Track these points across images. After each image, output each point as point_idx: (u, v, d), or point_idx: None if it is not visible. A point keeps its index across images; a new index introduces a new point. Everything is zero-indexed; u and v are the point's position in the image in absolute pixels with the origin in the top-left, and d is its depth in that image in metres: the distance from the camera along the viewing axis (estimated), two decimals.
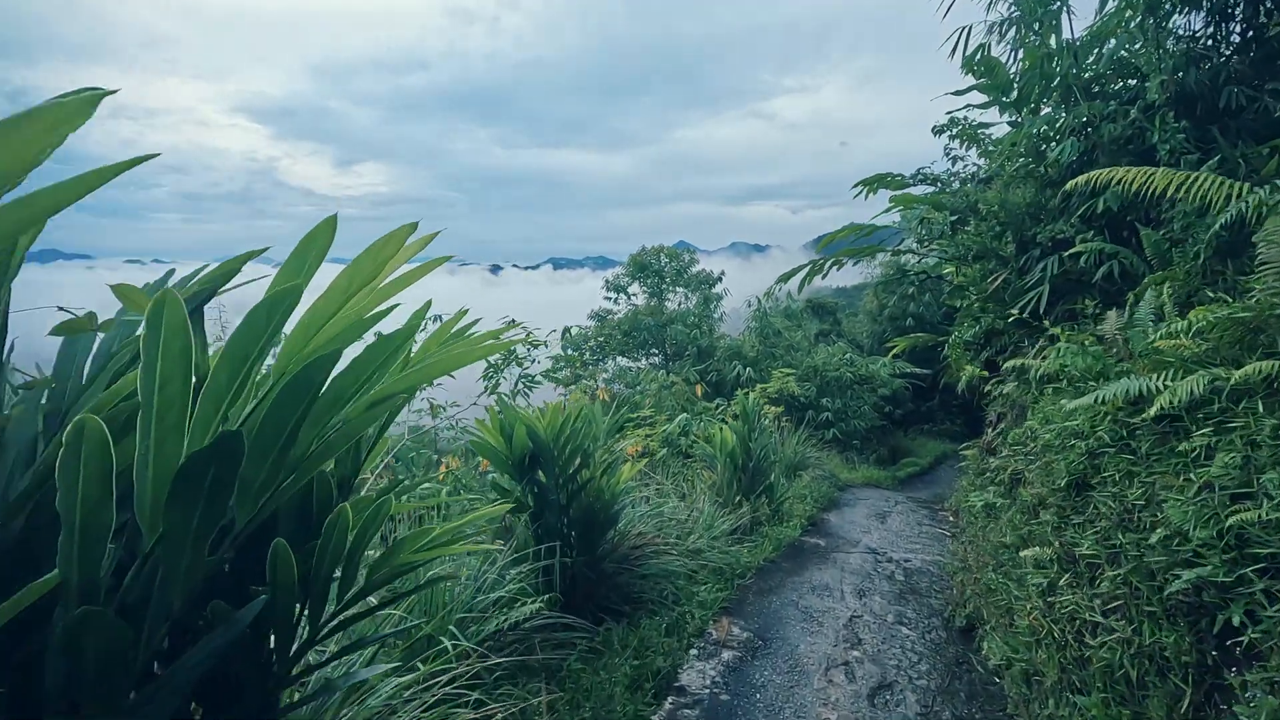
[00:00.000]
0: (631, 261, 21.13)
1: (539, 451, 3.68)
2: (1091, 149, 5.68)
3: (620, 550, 4.12)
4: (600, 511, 3.95)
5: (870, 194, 9.49)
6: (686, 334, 17.89)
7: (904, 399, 18.90)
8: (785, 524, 7.23)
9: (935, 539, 7.23)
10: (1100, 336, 4.35)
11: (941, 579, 5.68)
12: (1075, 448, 3.66)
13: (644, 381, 15.17)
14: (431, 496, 4.18)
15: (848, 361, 15.88)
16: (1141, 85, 5.47)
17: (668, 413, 13.55)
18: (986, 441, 8.81)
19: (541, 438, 3.59)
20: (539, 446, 3.65)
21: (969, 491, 8.21)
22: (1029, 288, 5.56)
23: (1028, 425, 4.80)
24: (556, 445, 3.66)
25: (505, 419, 3.63)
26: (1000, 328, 6.20)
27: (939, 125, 9.57)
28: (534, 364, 4.97)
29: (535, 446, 3.68)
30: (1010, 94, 7.11)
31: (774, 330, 17.06)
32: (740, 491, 6.83)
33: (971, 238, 6.36)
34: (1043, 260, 5.64)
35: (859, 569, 5.85)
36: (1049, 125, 5.86)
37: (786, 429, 10.94)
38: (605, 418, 4.59)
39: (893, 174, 9.29)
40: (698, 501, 6.65)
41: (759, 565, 5.62)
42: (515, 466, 3.75)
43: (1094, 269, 5.30)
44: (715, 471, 6.99)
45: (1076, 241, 5.44)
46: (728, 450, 6.80)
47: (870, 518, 8.20)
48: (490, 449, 3.67)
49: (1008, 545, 4.74)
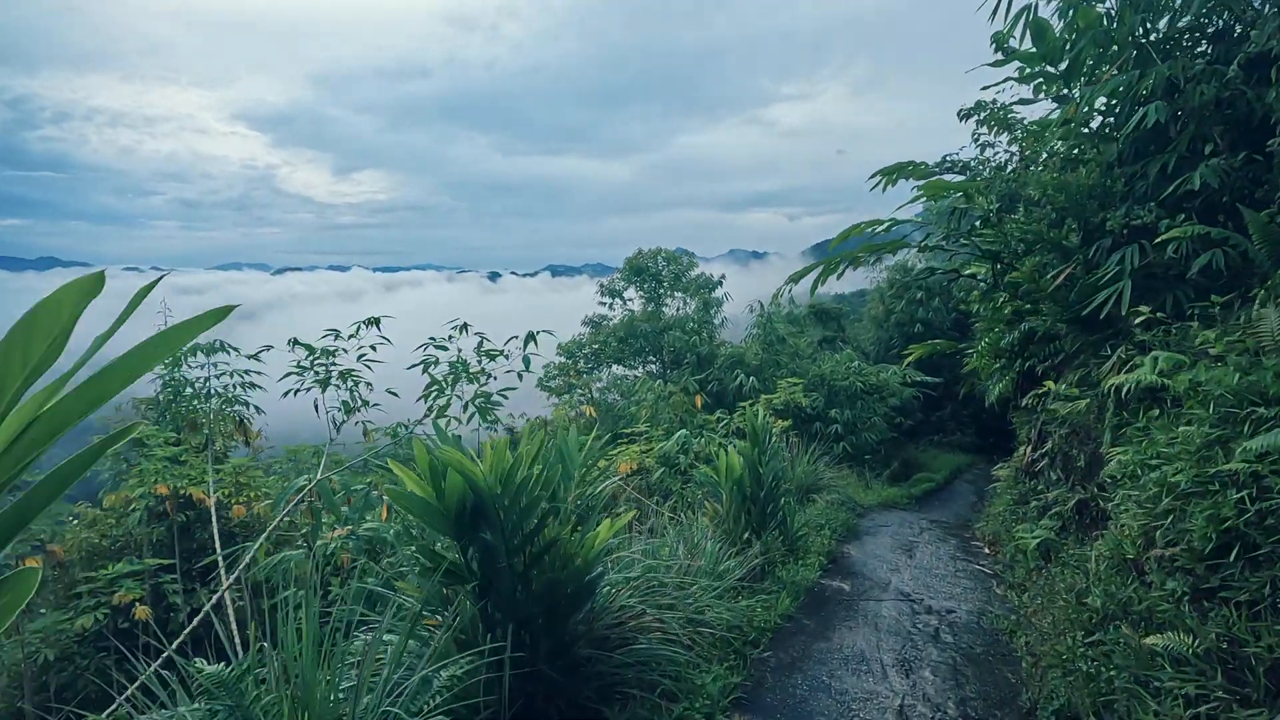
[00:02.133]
0: (628, 265, 20.13)
1: (482, 505, 2.65)
2: (1176, 116, 4.69)
3: (598, 629, 3.08)
4: (570, 581, 2.91)
5: (889, 185, 8.50)
6: (685, 340, 16.88)
7: (913, 409, 17.89)
8: (802, 561, 6.19)
9: (975, 579, 6.20)
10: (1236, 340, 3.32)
11: (999, 640, 4.65)
12: (1225, 498, 2.65)
13: (640, 392, 14.15)
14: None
15: (856, 370, 14.86)
16: (1243, 35, 4.49)
17: (665, 425, 12.53)
18: (1026, 462, 7.79)
19: (483, 488, 2.56)
20: (481, 499, 2.62)
21: (1011, 522, 7.20)
22: (1103, 283, 4.56)
23: (1121, 457, 3.79)
24: (506, 496, 2.62)
25: (437, 459, 2.60)
26: (1060, 331, 5.20)
27: (965, 109, 8.60)
28: (492, 380, 3.97)
29: (477, 497, 2.65)
30: (1060, 63, 6.14)
31: (778, 336, 16.06)
32: (749, 526, 5.79)
33: (1022, 227, 5.36)
34: (1117, 251, 4.63)
35: (896, 626, 4.81)
36: (1122, 89, 4.87)
37: (795, 445, 9.92)
38: (589, 441, 3.56)
39: (915, 162, 8.30)
40: (699, 538, 5.62)
41: (776, 625, 4.58)
42: (452, 522, 2.72)
43: (1187, 260, 4.30)
44: (720, 502, 5.96)
45: (1162, 228, 4.44)
46: (734, 478, 5.77)
47: (896, 550, 7.16)
48: (414, 500, 2.64)
49: (1098, 611, 3.73)
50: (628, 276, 19.79)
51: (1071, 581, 4.44)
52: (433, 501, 2.66)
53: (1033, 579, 5.49)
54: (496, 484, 2.56)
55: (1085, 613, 3.88)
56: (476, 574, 2.84)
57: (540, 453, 2.78)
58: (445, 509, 2.69)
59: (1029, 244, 5.27)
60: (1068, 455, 6.06)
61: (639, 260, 19.62)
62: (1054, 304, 5.14)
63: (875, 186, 8.43)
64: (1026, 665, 4.06)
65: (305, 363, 3.92)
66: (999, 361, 8.51)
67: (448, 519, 2.71)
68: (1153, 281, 4.57)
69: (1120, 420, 4.21)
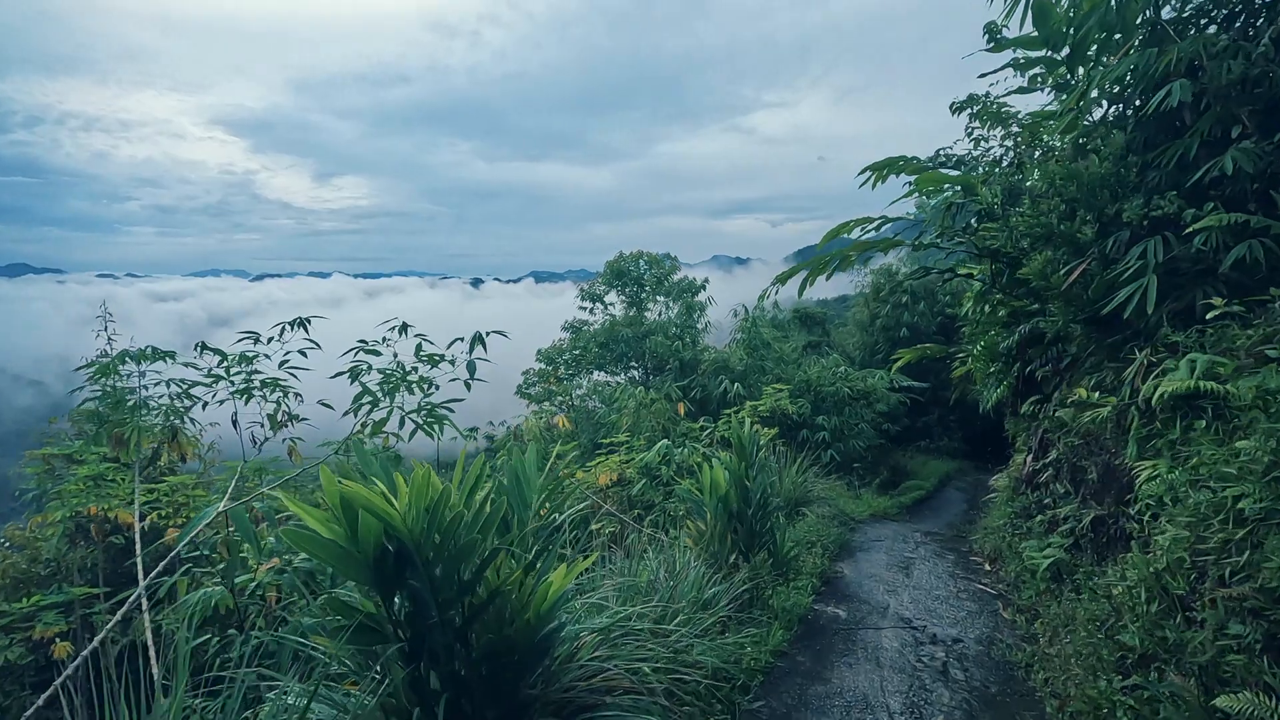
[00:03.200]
0: (608, 268, 19.59)
1: (404, 550, 2.11)
2: (1198, 98, 4.29)
3: (555, 692, 2.54)
4: (521, 638, 2.38)
5: (879, 182, 8.10)
6: (668, 345, 16.39)
7: (900, 415, 17.55)
8: (794, 584, 5.70)
9: (978, 600, 5.74)
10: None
11: (1014, 676, 4.18)
12: None
13: (620, 399, 13.62)
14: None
15: (843, 375, 14.46)
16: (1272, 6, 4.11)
17: (647, 434, 12.01)
18: (1027, 472, 7.37)
19: (401, 530, 2.02)
20: (402, 543, 2.08)
21: (1013, 537, 6.77)
22: (1124, 280, 4.13)
23: (1160, 473, 3.35)
24: (433, 537, 2.09)
25: (348, 493, 2.05)
26: (1073, 333, 4.77)
27: (957, 102, 8.24)
28: (434, 390, 3.39)
29: (398, 540, 2.11)
30: (1062, 48, 5.76)
31: (763, 341, 15.63)
32: (736, 548, 5.28)
33: (1029, 220, 4.93)
34: (1138, 244, 4.22)
35: (900, 660, 4.33)
36: (1136, 70, 4.47)
37: (783, 454, 9.44)
38: (551, 460, 3.03)
39: (907, 157, 7.90)
40: (681, 563, 5.11)
41: (768, 664, 4.07)
42: (370, 569, 2.17)
43: (1217, 254, 3.89)
44: (703, 520, 5.45)
45: (1187, 218, 4.02)
46: (719, 494, 5.26)
47: (892, 568, 6.70)
48: (320, 543, 2.09)
49: (1135, 651, 3.27)
50: (609, 280, 19.27)
51: (1094, 611, 3.98)
52: (343, 544, 2.11)
53: (1044, 602, 5.05)
54: (419, 524, 2.02)
55: (1118, 651, 3.43)
56: (404, 631, 2.29)
57: (482, 480, 2.24)
58: (361, 553, 2.14)
59: (1037, 238, 4.84)
60: (1076, 467, 5.64)
61: (620, 263, 19.12)
62: (1065, 303, 4.72)
63: (865, 183, 8.01)
64: (1051, 710, 3.59)
65: (221, 370, 3.35)
66: (995, 365, 8.12)
67: (365, 565, 2.16)
68: (1177, 278, 4.16)
69: (1150, 430, 3.77)
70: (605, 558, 5.00)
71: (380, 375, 3.25)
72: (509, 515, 2.73)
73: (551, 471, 2.95)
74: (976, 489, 14.15)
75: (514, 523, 2.75)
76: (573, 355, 19.47)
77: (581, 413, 17.37)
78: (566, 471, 7.85)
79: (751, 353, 15.56)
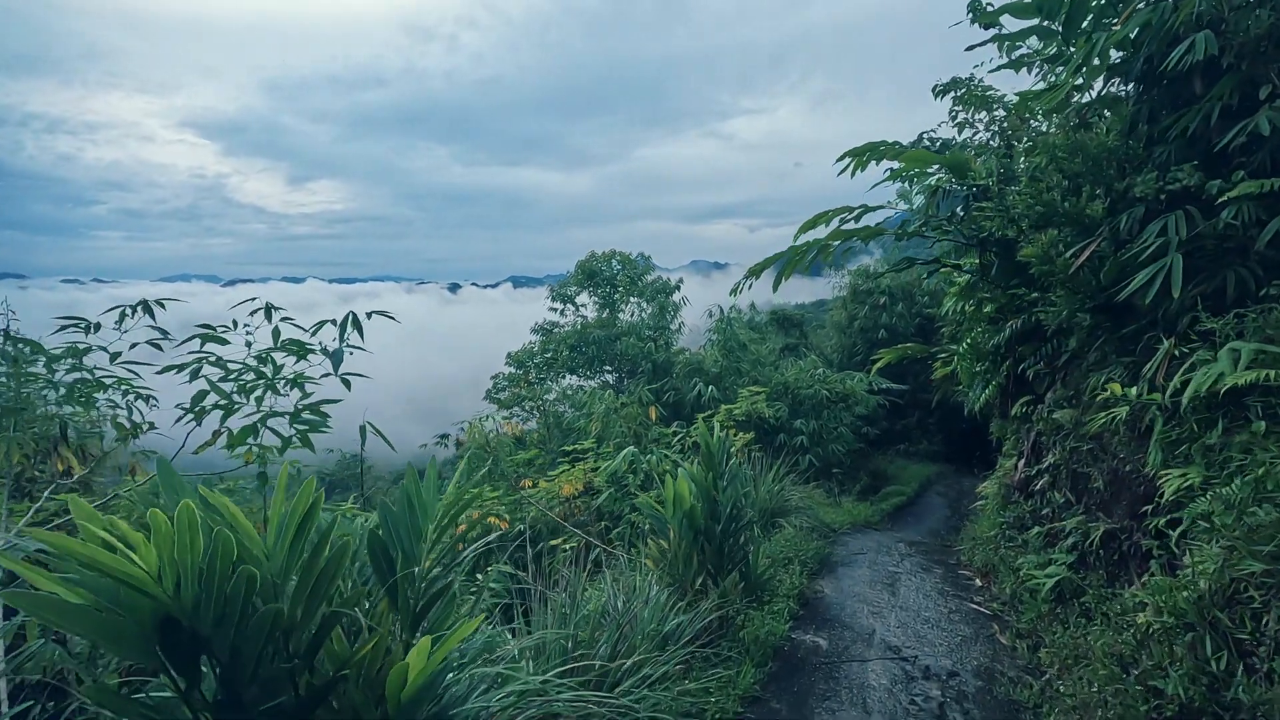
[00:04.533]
0: (579, 268, 18.92)
1: (172, 621, 1.43)
2: (1214, 59, 3.79)
3: None
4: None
5: (859, 169, 7.57)
6: (640, 347, 15.76)
7: (878, 418, 17.13)
8: (768, 607, 5.09)
9: (972, 622, 5.18)
10: None
11: (1022, 718, 3.60)
12: None
13: (589, 403, 12.94)
14: None
15: (821, 377, 13.95)
16: None
17: (616, 440, 11.36)
18: (1019, 479, 6.85)
19: (159, 598, 1.34)
20: (166, 611, 1.40)
21: (1005, 549, 6.23)
22: (1142, 261, 3.59)
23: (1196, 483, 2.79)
24: (207, 608, 1.41)
25: (65, 545, 1.36)
26: (1081, 323, 4.24)
27: (940, 85, 7.78)
28: (310, 392, 2.66)
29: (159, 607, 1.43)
30: (1058, 15, 5.27)
31: (739, 342, 15.07)
32: (703, 569, 4.65)
33: (1028, 198, 4.40)
34: (1154, 221, 3.69)
35: (890, 703, 3.72)
36: (1151, 23, 3.95)
37: (758, 461, 8.84)
38: (455, 482, 2.37)
39: (888, 142, 7.39)
40: (642, 584, 4.47)
41: (735, 714, 3.44)
42: (142, 645, 1.49)
43: (1249, 229, 3.37)
44: (667, 539, 4.80)
45: (1211, 190, 3.50)
46: (684, 509, 4.62)
47: (876, 585, 6.12)
48: (67, 610, 1.40)
49: (1177, 703, 2.70)
50: (580, 281, 18.61)
51: (1113, 643, 3.43)
52: (99, 611, 1.42)
53: (1047, 627, 4.50)
54: (189, 588, 1.35)
55: (1153, 699, 2.86)
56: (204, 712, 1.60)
57: (315, 513, 1.57)
58: (134, 622, 1.45)
59: (1037, 219, 4.30)
60: (1078, 473, 5.12)
61: (591, 263, 18.47)
62: (1070, 290, 4.18)
63: (844, 170, 7.49)
64: None
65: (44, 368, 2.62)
66: (982, 365, 7.63)
67: (138, 639, 1.47)
68: (1201, 258, 3.63)
69: (1180, 434, 3.22)
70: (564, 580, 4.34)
71: (245, 367, 2.52)
72: (393, 554, 2.06)
73: (452, 500, 2.28)
74: (959, 494, 13.73)
75: (399, 562, 2.08)
76: (544, 359, 18.77)
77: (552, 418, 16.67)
78: (488, 503, 7.14)
79: (727, 354, 14.99)
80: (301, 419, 2.50)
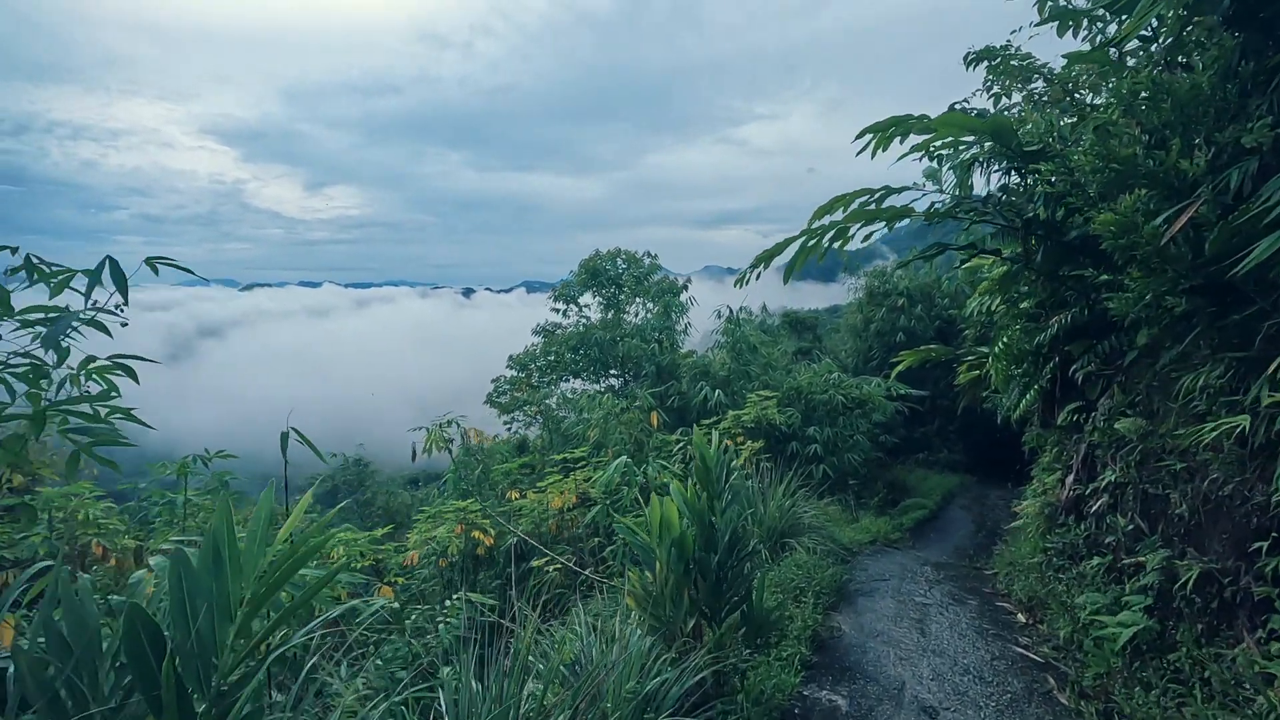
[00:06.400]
0: (583, 268, 18.16)
1: None
2: None
3: None
4: None
5: (881, 148, 6.74)
6: (643, 349, 14.95)
7: (896, 425, 16.18)
8: (775, 652, 4.28)
9: (1021, 673, 4.31)
10: None
11: None
12: None
13: (588, 408, 12.16)
14: None
15: (836, 382, 13.05)
16: None
17: (616, 447, 10.58)
18: (1068, 499, 5.96)
19: None
20: None
21: (1055, 581, 5.34)
22: (1264, 226, 2.75)
23: None
24: None
25: None
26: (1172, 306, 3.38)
27: (972, 53, 6.95)
28: (110, 392, 1.91)
29: None
30: None
31: (749, 345, 14.22)
32: (695, 610, 3.83)
33: (1093, 158, 3.55)
34: (1275, 177, 2.84)
35: None
36: None
37: (767, 472, 7.99)
38: (294, 516, 1.63)
39: (914, 116, 6.55)
40: (624, 629, 3.68)
41: None
42: None
43: None
44: (652, 572, 3.99)
45: None
46: (672, 536, 3.81)
47: (903, 622, 5.26)
48: None
49: None
50: (583, 280, 17.85)
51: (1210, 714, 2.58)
52: None
53: (1123, 688, 3.63)
54: None
55: None
56: None
57: None
58: None
59: (1110, 179, 3.46)
60: (1151, 495, 4.25)
61: (595, 262, 17.72)
62: (1151, 271, 3.33)
63: (865, 148, 6.66)
64: None
65: None
66: (1020, 367, 6.75)
67: None
68: None
69: None
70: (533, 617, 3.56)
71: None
72: (173, 643, 1.28)
73: (307, 540, 1.50)
74: (984, 507, 12.76)
75: (194, 646, 1.30)
76: (546, 361, 18.03)
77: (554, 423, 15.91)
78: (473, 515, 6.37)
79: (736, 357, 14.15)
80: (97, 420, 1.71)
